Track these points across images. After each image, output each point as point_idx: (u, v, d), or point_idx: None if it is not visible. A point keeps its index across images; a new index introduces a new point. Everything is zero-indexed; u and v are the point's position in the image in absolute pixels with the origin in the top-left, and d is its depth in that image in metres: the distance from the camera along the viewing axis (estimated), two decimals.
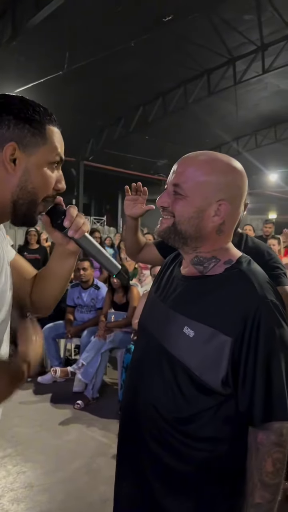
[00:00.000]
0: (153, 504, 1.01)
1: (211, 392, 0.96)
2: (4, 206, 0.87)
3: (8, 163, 0.83)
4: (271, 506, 0.91)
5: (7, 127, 0.83)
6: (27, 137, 0.85)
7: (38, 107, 0.89)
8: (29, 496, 2.38)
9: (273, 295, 0.97)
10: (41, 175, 0.88)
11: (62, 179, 0.93)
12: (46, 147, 0.88)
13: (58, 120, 0.92)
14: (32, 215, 0.90)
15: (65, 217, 0.94)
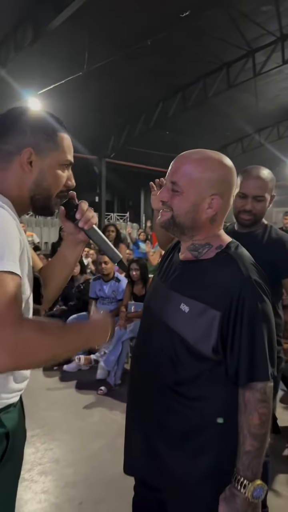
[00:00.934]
0: (152, 454, 1.19)
1: (204, 358, 1.11)
2: (24, 200, 1.05)
3: (26, 165, 1.01)
4: (259, 452, 1.06)
5: (24, 134, 1.02)
6: (41, 143, 1.03)
7: (51, 116, 1.07)
8: (56, 470, 2.59)
9: (257, 275, 1.11)
10: (54, 175, 1.06)
11: (71, 178, 1.12)
12: (58, 151, 1.06)
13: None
14: (48, 207, 1.09)
15: (77, 210, 1.12)
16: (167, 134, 13.63)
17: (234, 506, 1.06)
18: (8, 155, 1.02)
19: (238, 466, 1.07)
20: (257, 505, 1.07)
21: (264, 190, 1.75)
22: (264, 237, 1.83)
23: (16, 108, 1.06)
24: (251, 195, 1.75)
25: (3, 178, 1.02)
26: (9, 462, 1.03)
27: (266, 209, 1.81)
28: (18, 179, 1.03)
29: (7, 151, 1.02)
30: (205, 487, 1.13)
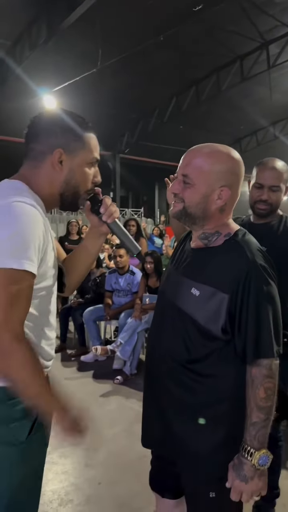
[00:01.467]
0: (167, 426, 1.28)
1: (214, 338, 1.19)
2: (54, 197, 1.15)
3: (57, 164, 1.11)
4: (265, 424, 1.14)
5: (55, 135, 1.11)
6: (71, 143, 1.13)
7: (79, 117, 1.16)
8: (75, 453, 2.71)
9: (262, 259, 1.19)
10: (82, 173, 1.16)
11: (98, 174, 1.22)
12: (85, 150, 1.16)
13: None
14: (76, 203, 1.19)
15: (101, 205, 1.22)
16: (181, 128, 13.64)
17: (241, 473, 1.14)
18: (40, 155, 1.12)
19: (246, 436, 1.15)
20: (263, 472, 1.15)
21: (280, 180, 1.81)
22: (280, 227, 1.87)
23: (47, 111, 1.16)
24: (267, 185, 1.80)
25: (35, 176, 1.12)
26: (40, 428, 1.14)
27: (281, 199, 1.87)
28: (50, 177, 1.12)
29: (40, 151, 1.12)
30: (216, 458, 1.22)
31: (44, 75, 9.37)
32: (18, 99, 10.11)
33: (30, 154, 1.15)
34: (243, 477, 1.14)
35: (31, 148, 1.14)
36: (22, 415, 1.10)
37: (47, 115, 1.16)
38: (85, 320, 4.61)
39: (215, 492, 1.23)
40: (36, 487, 1.23)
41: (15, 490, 1.11)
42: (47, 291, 1.15)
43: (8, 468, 1.10)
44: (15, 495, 1.11)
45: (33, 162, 1.13)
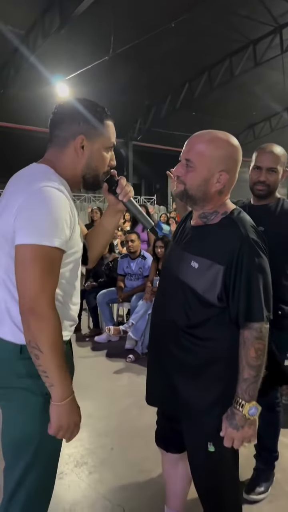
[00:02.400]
0: (170, 385, 1.44)
1: (211, 305, 1.34)
2: (77, 179, 1.30)
3: (79, 149, 1.26)
4: (255, 380, 1.29)
5: (77, 123, 1.26)
6: (91, 130, 1.27)
7: (98, 106, 1.30)
8: (89, 422, 2.90)
9: (255, 234, 1.32)
10: (101, 157, 1.31)
11: (113, 158, 1.37)
12: (104, 136, 1.31)
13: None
14: (97, 183, 1.35)
15: (118, 185, 1.36)
16: (193, 114, 13.61)
17: (233, 422, 1.30)
18: (64, 141, 1.26)
19: (238, 390, 1.30)
20: (253, 421, 1.31)
21: (277, 163, 1.94)
22: (277, 209, 1.99)
23: (69, 100, 1.30)
24: (265, 167, 1.93)
25: (60, 160, 1.27)
26: None
27: (278, 181, 1.99)
28: (73, 161, 1.27)
29: (64, 137, 1.26)
30: (213, 411, 1.37)
31: (57, 63, 9.46)
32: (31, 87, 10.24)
33: (54, 140, 1.29)
34: (235, 425, 1.30)
35: (56, 135, 1.28)
36: None
37: (70, 104, 1.29)
38: (98, 303, 4.80)
39: (212, 442, 1.39)
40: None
41: (42, 434, 1.26)
42: (74, 263, 1.31)
43: (37, 415, 1.26)
44: (42, 439, 1.27)
45: (58, 147, 1.28)
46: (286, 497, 2.16)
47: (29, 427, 1.26)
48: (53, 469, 1.37)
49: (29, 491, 1.27)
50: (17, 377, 1.25)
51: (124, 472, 2.36)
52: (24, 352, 1.22)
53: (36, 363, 1.16)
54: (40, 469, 1.28)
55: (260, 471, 2.22)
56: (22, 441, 1.27)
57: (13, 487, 1.27)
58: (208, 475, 1.47)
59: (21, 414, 1.26)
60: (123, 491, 2.19)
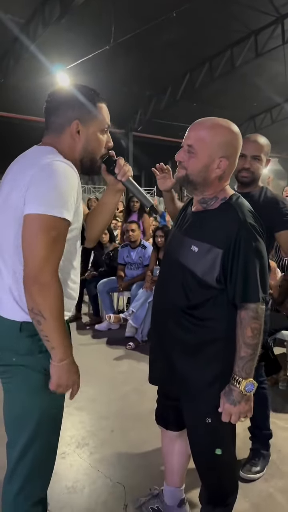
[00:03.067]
0: (171, 364, 1.49)
1: (210, 287, 1.39)
2: (75, 163, 1.33)
3: (75, 134, 1.30)
4: (252, 358, 1.35)
5: (72, 109, 1.30)
6: (85, 114, 1.31)
7: (92, 90, 1.34)
8: (90, 406, 2.98)
9: (252, 219, 1.37)
10: (97, 140, 1.35)
11: (110, 139, 1.40)
12: (98, 119, 1.34)
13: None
14: (94, 167, 1.38)
15: (116, 165, 1.40)
16: (194, 105, 13.54)
17: (231, 398, 1.36)
18: (60, 127, 1.30)
19: (235, 368, 1.36)
20: (249, 397, 1.37)
21: (260, 151, 2.02)
22: (260, 197, 2.07)
23: (62, 87, 1.34)
24: (250, 155, 2.01)
25: (57, 145, 1.30)
26: None
27: (261, 169, 2.07)
28: (70, 146, 1.31)
29: (59, 123, 1.30)
30: (211, 389, 1.43)
31: (57, 53, 9.41)
32: (31, 78, 10.20)
33: (51, 127, 1.33)
34: (232, 401, 1.36)
35: (51, 121, 1.32)
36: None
37: (63, 90, 1.33)
38: (99, 291, 4.85)
39: (211, 418, 1.45)
40: (59, 411, 1.44)
41: (43, 410, 1.33)
42: (72, 240, 1.35)
43: (37, 391, 1.32)
44: (43, 414, 1.33)
45: (54, 133, 1.32)
46: (281, 476, 2.24)
47: (29, 403, 1.32)
48: (54, 444, 1.43)
49: (31, 465, 1.33)
50: (17, 354, 1.29)
51: (124, 453, 2.43)
52: (24, 330, 1.27)
53: (38, 328, 1.22)
54: (41, 444, 1.34)
55: (256, 451, 2.30)
56: (23, 416, 1.32)
57: (15, 461, 1.33)
58: (206, 450, 1.53)
59: (21, 390, 1.32)
60: (123, 470, 2.27)
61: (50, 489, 1.49)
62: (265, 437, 2.31)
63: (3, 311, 1.30)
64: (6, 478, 1.38)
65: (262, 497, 2.08)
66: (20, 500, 1.34)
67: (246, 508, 1.99)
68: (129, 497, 2.04)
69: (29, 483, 1.35)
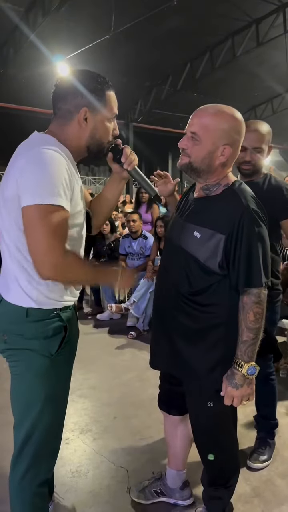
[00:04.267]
0: (173, 350, 1.52)
1: (212, 273, 1.41)
2: (81, 150, 1.35)
3: (82, 121, 1.31)
4: (254, 342, 1.37)
5: (81, 96, 1.30)
6: (93, 102, 1.31)
7: (100, 77, 1.33)
8: (93, 394, 3.01)
9: (255, 205, 1.38)
10: (104, 127, 1.35)
11: (116, 127, 1.41)
12: (106, 107, 1.34)
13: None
14: (100, 153, 1.40)
15: (122, 154, 1.41)
16: (194, 95, 13.48)
17: (233, 381, 1.38)
18: (68, 114, 1.31)
19: (237, 352, 1.38)
20: (251, 381, 1.39)
21: (261, 142, 1.96)
22: (264, 185, 2.03)
23: (72, 74, 1.33)
24: (250, 147, 1.95)
25: (64, 132, 1.31)
26: (66, 346, 1.39)
27: (264, 158, 2.02)
28: (77, 133, 1.32)
29: (67, 110, 1.30)
30: (213, 373, 1.45)
31: (57, 42, 9.34)
32: (31, 67, 10.13)
33: (58, 113, 1.33)
34: (234, 384, 1.38)
35: (59, 108, 1.32)
36: (53, 332, 1.34)
37: (72, 77, 1.32)
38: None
39: (213, 402, 1.48)
40: (64, 394, 1.48)
41: (48, 394, 1.36)
42: (78, 226, 1.36)
43: (42, 375, 1.35)
44: (47, 398, 1.36)
45: (61, 120, 1.32)
46: (282, 461, 2.27)
47: (35, 386, 1.35)
48: (59, 426, 1.47)
49: (36, 446, 1.37)
50: (24, 338, 1.32)
51: (127, 439, 2.47)
52: (30, 315, 1.30)
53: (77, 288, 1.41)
54: (46, 425, 1.37)
55: (262, 440, 2.31)
56: (29, 399, 1.36)
57: (21, 442, 1.37)
58: (208, 433, 1.56)
59: (28, 374, 1.34)
60: (126, 455, 2.30)
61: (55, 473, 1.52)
62: (271, 426, 2.33)
63: (11, 298, 1.33)
64: (13, 459, 1.41)
65: (263, 481, 2.11)
66: (27, 481, 1.37)
67: (247, 491, 2.03)
68: (132, 481, 2.07)
69: (35, 464, 1.38)
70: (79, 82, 1.30)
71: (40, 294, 1.30)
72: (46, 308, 1.32)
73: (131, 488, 2.00)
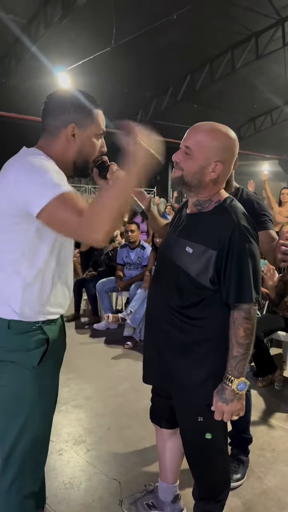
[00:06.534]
0: (164, 363, 1.53)
1: (204, 288, 1.43)
2: (68, 165, 1.37)
3: (70, 137, 1.33)
4: (244, 357, 1.39)
5: (69, 112, 1.33)
6: (82, 119, 1.34)
7: (89, 96, 1.37)
8: (88, 404, 3.02)
9: (245, 221, 1.41)
10: (91, 144, 1.38)
11: (104, 145, 1.43)
12: (94, 124, 1.37)
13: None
14: (86, 170, 1.41)
15: (108, 170, 1.43)
16: (194, 107, 13.58)
17: (223, 396, 1.40)
18: (56, 129, 1.33)
19: (228, 367, 1.40)
20: (241, 396, 1.41)
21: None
22: (236, 198, 2.02)
23: (60, 90, 1.38)
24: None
25: (52, 147, 1.34)
26: (50, 359, 1.39)
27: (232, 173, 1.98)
28: (64, 148, 1.35)
29: (55, 126, 1.33)
30: (204, 387, 1.46)
31: (58, 54, 9.43)
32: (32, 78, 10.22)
33: (46, 129, 1.36)
34: (224, 399, 1.40)
35: (48, 123, 1.35)
36: (35, 345, 1.34)
37: (61, 93, 1.36)
38: (98, 291, 4.89)
39: (203, 417, 1.49)
40: (49, 406, 1.46)
41: (31, 405, 1.36)
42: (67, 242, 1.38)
43: (25, 387, 1.35)
44: (31, 409, 1.36)
45: (50, 135, 1.35)
46: (274, 474, 2.27)
47: (18, 398, 1.35)
48: (44, 438, 1.45)
49: (21, 458, 1.36)
50: (6, 350, 1.32)
51: (120, 450, 2.47)
52: (12, 327, 1.31)
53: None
54: (30, 438, 1.36)
55: (235, 458, 2.25)
56: (13, 411, 1.35)
57: (6, 455, 1.37)
58: (198, 447, 1.57)
59: (10, 386, 1.34)
60: (119, 467, 2.30)
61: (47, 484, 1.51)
62: (245, 442, 2.30)
63: None
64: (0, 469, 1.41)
65: (256, 494, 2.11)
66: (13, 493, 1.37)
67: (238, 505, 2.03)
68: (125, 493, 2.07)
69: (20, 476, 1.38)
70: (67, 98, 1.33)
71: (23, 306, 1.30)
72: (28, 320, 1.32)
73: (123, 501, 2.00)
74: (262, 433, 2.66)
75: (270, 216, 2.01)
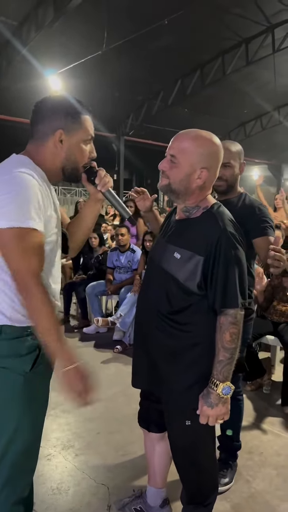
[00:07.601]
0: (152, 367, 1.54)
1: (191, 293, 1.44)
2: (57, 171, 1.37)
3: (58, 143, 1.34)
4: (229, 361, 1.40)
5: (56, 118, 1.33)
6: (69, 124, 1.35)
7: (77, 102, 1.37)
8: (76, 409, 2.99)
9: (232, 228, 1.43)
10: (80, 149, 1.38)
11: (93, 150, 1.43)
12: (82, 130, 1.38)
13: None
14: (75, 175, 1.42)
15: (96, 176, 1.44)
16: (185, 111, 13.67)
17: (208, 401, 1.41)
18: (44, 135, 1.34)
19: (213, 371, 1.41)
20: (226, 400, 1.42)
21: (229, 158, 1.98)
22: (238, 203, 2.06)
23: (48, 97, 1.37)
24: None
25: (40, 153, 1.35)
26: (41, 365, 1.38)
27: (236, 175, 2.06)
28: (52, 154, 1.35)
29: (43, 132, 1.34)
30: (191, 391, 1.47)
31: (49, 57, 9.43)
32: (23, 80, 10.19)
33: (35, 135, 1.37)
34: (209, 403, 1.41)
35: (36, 130, 1.36)
36: (27, 351, 1.34)
37: (49, 100, 1.36)
38: (87, 295, 4.88)
39: (190, 420, 1.50)
40: (41, 412, 1.46)
41: (23, 412, 1.35)
42: (53, 249, 1.38)
43: (17, 393, 1.34)
44: (23, 416, 1.35)
45: (38, 141, 1.35)
46: (262, 478, 2.29)
47: (10, 404, 1.34)
48: (34, 444, 1.44)
49: (11, 465, 1.35)
50: None
51: (109, 455, 2.46)
52: (3, 333, 1.30)
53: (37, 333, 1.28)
54: (21, 444, 1.35)
55: (223, 462, 2.26)
56: (4, 417, 1.34)
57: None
58: (186, 451, 1.58)
59: (2, 392, 1.33)
60: (107, 472, 2.30)
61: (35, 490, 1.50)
62: (234, 448, 2.30)
63: None
64: None
65: (244, 498, 2.13)
66: (1, 500, 1.36)
67: (227, 508, 2.04)
68: (113, 498, 2.07)
69: (10, 483, 1.36)
70: (55, 105, 1.34)
71: (14, 311, 1.30)
72: (20, 325, 1.32)
73: (111, 506, 2.00)
74: (251, 437, 2.68)
75: (271, 223, 2.02)
